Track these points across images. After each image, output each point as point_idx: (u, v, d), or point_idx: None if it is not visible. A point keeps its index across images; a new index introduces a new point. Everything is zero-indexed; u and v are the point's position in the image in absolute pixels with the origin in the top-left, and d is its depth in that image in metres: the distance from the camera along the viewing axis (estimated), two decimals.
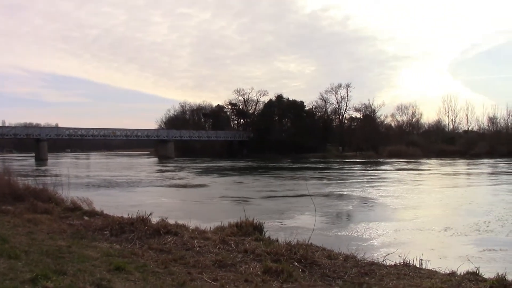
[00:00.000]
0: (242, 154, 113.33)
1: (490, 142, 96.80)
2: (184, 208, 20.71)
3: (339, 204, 22.63)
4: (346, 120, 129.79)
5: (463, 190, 30.04)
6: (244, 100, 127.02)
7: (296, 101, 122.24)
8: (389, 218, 18.45)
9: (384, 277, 7.76)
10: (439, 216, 19.17)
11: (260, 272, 7.60)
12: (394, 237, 14.41)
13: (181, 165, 67.01)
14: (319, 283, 7.30)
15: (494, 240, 13.98)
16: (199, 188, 31.95)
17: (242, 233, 10.77)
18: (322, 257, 8.76)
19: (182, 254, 8.75)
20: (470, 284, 7.40)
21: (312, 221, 11.83)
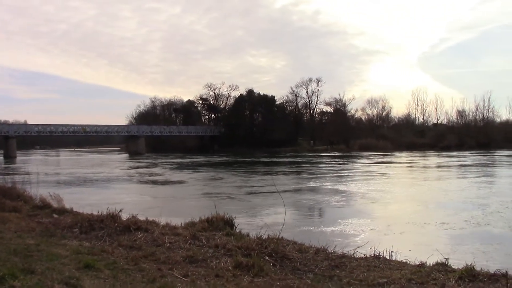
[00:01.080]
0: (213, 149, 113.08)
1: (459, 135, 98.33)
2: (162, 206, 20.49)
3: (313, 198, 22.68)
4: (317, 114, 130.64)
5: (447, 182, 30.36)
6: (215, 95, 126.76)
7: (267, 96, 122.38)
8: (363, 211, 18.53)
9: (354, 270, 7.83)
10: (412, 209, 19.38)
11: (231, 267, 7.60)
12: (365, 230, 14.53)
13: (154, 161, 66.43)
14: (290, 276, 7.32)
15: (465, 232, 14.19)
16: (177, 185, 31.52)
17: (213, 228, 10.75)
18: (293, 250, 8.79)
19: (152, 251, 8.69)
20: (439, 274, 7.51)
21: (289, 216, 11.87)
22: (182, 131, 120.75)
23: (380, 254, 9.03)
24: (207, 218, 11.39)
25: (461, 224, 15.28)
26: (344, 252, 9.00)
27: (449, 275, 7.44)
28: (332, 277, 7.38)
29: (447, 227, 14.79)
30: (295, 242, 9.74)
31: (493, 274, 7.44)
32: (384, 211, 18.67)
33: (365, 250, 9.23)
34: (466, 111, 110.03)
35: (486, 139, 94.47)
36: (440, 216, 16.91)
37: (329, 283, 7.00)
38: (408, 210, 19.02)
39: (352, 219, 16.45)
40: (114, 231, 10.26)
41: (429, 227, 14.99)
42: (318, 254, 8.75)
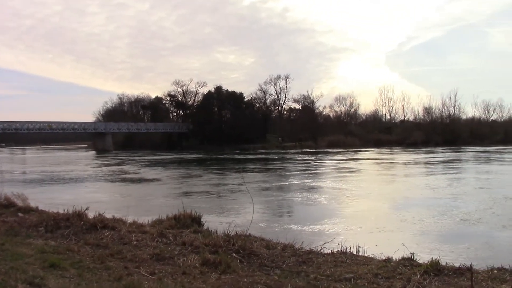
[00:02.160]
0: (181, 146, 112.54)
1: (426, 132, 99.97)
2: (133, 204, 20.30)
3: (282, 195, 22.74)
4: (285, 111, 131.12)
5: (418, 179, 30.70)
6: (183, 91, 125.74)
7: (236, 93, 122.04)
8: (331, 208, 18.66)
9: (321, 265, 7.88)
10: (379, 205, 19.58)
11: (198, 264, 7.58)
12: (333, 226, 14.61)
13: (123, 159, 65.77)
14: (258, 273, 7.33)
15: (431, 227, 14.38)
16: (151, 183, 31.03)
17: (181, 225, 10.70)
18: (261, 247, 8.81)
19: (119, 249, 8.62)
20: (405, 269, 7.60)
21: (258, 213, 11.86)
22: (150, 128, 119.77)
23: (347, 249, 9.12)
24: (174, 216, 11.33)
25: (428, 219, 15.49)
26: (312, 248, 9.05)
27: (414, 269, 7.53)
28: (299, 273, 7.41)
29: (414, 223, 14.97)
30: (262, 238, 9.77)
31: (458, 268, 7.56)
32: (352, 207, 18.79)
33: (332, 245, 9.32)
34: (433, 108, 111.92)
35: (452, 136, 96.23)
36: (407, 212, 17.13)
37: (296, 279, 7.03)
38: (376, 206, 19.19)
39: (320, 216, 16.55)
40: (80, 230, 10.12)
41: (396, 223, 15.17)
42: (285, 250, 8.78)
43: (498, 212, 16.71)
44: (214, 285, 6.60)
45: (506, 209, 17.39)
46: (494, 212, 16.62)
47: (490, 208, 17.49)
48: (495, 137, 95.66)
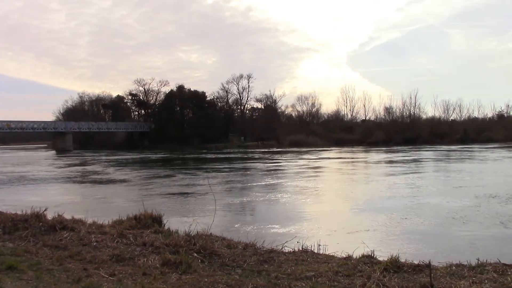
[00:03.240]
0: (143, 145, 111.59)
1: (386, 131, 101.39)
2: (96, 205, 20.00)
3: (246, 194, 22.73)
4: (248, 110, 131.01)
5: (378, 177, 30.97)
6: (144, 90, 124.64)
7: (198, 92, 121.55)
8: (294, 207, 18.69)
9: (282, 264, 7.91)
10: (341, 204, 19.75)
11: (158, 264, 7.53)
12: (295, 225, 14.67)
13: (85, 158, 64.72)
14: (219, 272, 7.31)
15: (391, 225, 14.55)
16: (119, 184, 30.28)
17: (141, 226, 10.61)
18: (222, 246, 8.80)
19: (78, 250, 8.50)
20: (365, 266, 7.68)
21: (221, 212, 11.82)
22: (111, 127, 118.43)
23: (308, 248, 9.19)
24: (135, 216, 11.23)
25: (389, 218, 15.65)
26: (273, 247, 9.07)
27: (374, 267, 7.62)
28: (261, 272, 7.42)
29: (374, 220, 15.12)
30: (224, 238, 9.77)
31: (417, 264, 7.67)
32: (315, 206, 18.87)
33: (293, 244, 9.36)
34: (394, 108, 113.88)
35: (413, 135, 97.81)
36: (368, 210, 17.31)
37: (257, 278, 7.03)
38: (339, 205, 19.37)
39: (282, 215, 16.61)
40: (39, 231, 9.95)
41: (358, 221, 15.29)
42: (246, 249, 8.79)
43: (461, 209, 17.00)
44: (174, 286, 6.56)
45: (468, 207, 17.68)
46: (457, 210, 16.90)
47: (453, 206, 17.80)
48: (455, 136, 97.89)
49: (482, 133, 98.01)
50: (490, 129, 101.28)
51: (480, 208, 16.98)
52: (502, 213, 15.97)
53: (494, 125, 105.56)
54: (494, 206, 17.37)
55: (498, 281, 6.74)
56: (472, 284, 6.63)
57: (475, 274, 7.23)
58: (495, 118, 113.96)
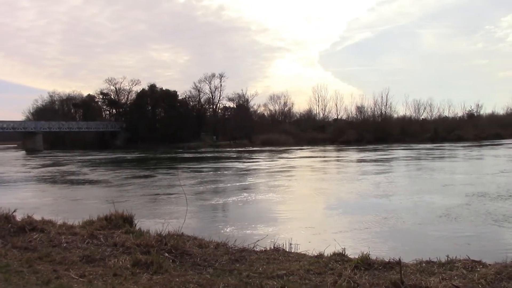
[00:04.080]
0: (114, 145, 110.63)
1: (358, 130, 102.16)
2: (72, 206, 19.75)
3: (218, 193, 22.69)
4: (220, 109, 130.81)
5: (352, 176, 31.11)
6: (116, 89, 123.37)
7: (170, 91, 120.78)
8: (266, 206, 18.73)
9: (254, 263, 7.92)
10: (313, 202, 19.86)
11: (129, 265, 7.47)
12: (267, 224, 14.69)
13: (57, 159, 63.72)
14: (190, 272, 7.29)
15: (363, 222, 14.66)
16: (98, 185, 29.65)
17: (112, 226, 10.51)
18: (194, 246, 8.77)
19: (48, 251, 8.40)
20: (336, 264, 7.76)
21: (193, 212, 11.78)
22: (82, 127, 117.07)
23: (279, 246, 9.23)
24: (105, 216, 11.11)
25: (361, 215, 15.80)
26: (245, 246, 9.07)
27: (345, 264, 7.70)
28: (232, 271, 7.42)
29: (348, 219, 15.25)
30: (195, 237, 9.73)
31: (388, 262, 7.75)
32: (287, 205, 18.93)
33: (265, 243, 9.37)
34: (365, 107, 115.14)
35: (384, 134, 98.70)
36: (342, 208, 17.44)
37: (228, 277, 7.03)
38: (311, 204, 19.46)
39: (254, 214, 16.64)
40: (8, 233, 9.79)
41: (330, 219, 15.41)
42: (218, 249, 8.78)
43: (429, 208, 17.20)
44: (145, 286, 6.53)
45: (437, 205, 17.90)
46: (426, 208, 17.11)
47: (422, 204, 18.01)
48: (425, 135, 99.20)
49: (452, 132, 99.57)
50: (460, 128, 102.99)
51: (458, 207, 17.20)
52: (481, 211, 16.21)
53: (464, 124, 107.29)
54: (473, 205, 17.62)
55: (467, 277, 6.85)
56: (441, 280, 6.71)
57: (444, 270, 7.34)
58: (465, 117, 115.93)
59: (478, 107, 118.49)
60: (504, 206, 16.74)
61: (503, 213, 15.37)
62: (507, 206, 16.75)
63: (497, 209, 16.12)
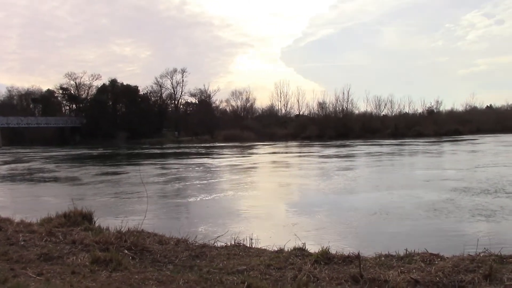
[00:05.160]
0: (74, 141, 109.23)
1: (320, 126, 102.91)
2: (32, 204, 19.31)
3: (181, 191, 22.53)
4: (182, 105, 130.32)
5: (315, 172, 31.23)
6: (76, 84, 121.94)
7: (130, 86, 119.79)
8: (229, 202, 18.65)
9: (215, 258, 7.93)
10: (275, 197, 19.90)
11: (88, 262, 7.39)
12: (229, 219, 14.66)
13: (17, 155, 61.96)
14: (150, 269, 7.25)
15: (325, 218, 14.76)
16: (57, 182, 28.95)
17: (71, 223, 10.39)
18: (154, 243, 8.74)
19: (5, 250, 8.23)
20: (296, 259, 7.81)
21: (155, 208, 11.69)
22: (41, 122, 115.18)
23: (240, 242, 9.26)
24: (64, 213, 10.98)
25: (324, 211, 15.87)
26: (205, 242, 9.08)
27: (305, 259, 7.76)
28: (192, 267, 7.42)
29: (309, 214, 15.28)
30: (156, 234, 9.69)
31: (347, 256, 7.86)
32: (250, 201, 18.88)
33: (226, 239, 9.40)
34: (327, 103, 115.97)
35: (345, 130, 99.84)
36: (303, 204, 17.51)
37: (188, 273, 7.01)
38: (274, 199, 19.46)
39: (216, 210, 16.56)
40: None
41: (292, 215, 15.44)
42: (178, 245, 8.76)
43: (391, 204, 17.41)
44: (104, 284, 6.46)
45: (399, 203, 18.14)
46: (388, 204, 17.31)
47: (384, 200, 18.22)
48: (386, 131, 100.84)
49: (413, 128, 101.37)
50: (420, 124, 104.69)
51: (413, 202, 17.45)
52: (440, 205, 16.49)
53: (424, 120, 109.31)
54: (433, 200, 17.91)
55: (425, 270, 6.96)
56: (400, 273, 6.82)
57: (403, 264, 7.46)
58: (425, 113, 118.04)
59: (437, 103, 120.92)
60: (471, 201, 16.95)
61: (469, 208, 15.62)
62: (473, 201, 16.98)
63: (463, 204, 16.30)
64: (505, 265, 7.15)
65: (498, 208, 15.19)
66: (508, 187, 19.91)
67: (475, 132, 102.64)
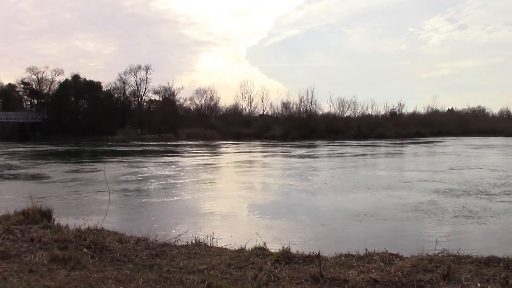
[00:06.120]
0: (35, 136, 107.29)
1: (284, 126, 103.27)
2: None
3: (143, 190, 22.37)
4: (145, 102, 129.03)
5: (280, 172, 31.26)
6: (38, 79, 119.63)
7: (93, 82, 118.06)
8: (191, 200, 18.61)
9: (175, 257, 7.92)
10: (236, 197, 19.88)
11: (46, 261, 7.28)
12: (190, 218, 14.63)
13: None
14: (109, 268, 7.19)
15: (288, 218, 14.84)
16: (19, 179, 28.62)
17: (30, 221, 10.18)
18: (114, 241, 8.66)
19: None
20: (257, 258, 7.84)
21: (116, 206, 11.57)
22: (1, 117, 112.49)
23: (201, 241, 9.25)
24: (22, 211, 10.75)
25: (285, 211, 16.00)
26: (166, 241, 9.04)
27: (266, 258, 7.80)
28: (152, 266, 7.38)
29: (272, 214, 15.34)
30: (116, 232, 9.61)
31: (308, 255, 7.93)
32: (212, 200, 18.84)
33: (187, 238, 9.36)
34: (291, 104, 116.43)
35: (309, 130, 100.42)
36: (268, 204, 17.57)
37: (148, 272, 6.97)
38: (237, 199, 19.43)
39: (178, 209, 16.53)
40: None
41: (254, 215, 15.48)
42: (139, 244, 8.69)
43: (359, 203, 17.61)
44: (62, 282, 6.37)
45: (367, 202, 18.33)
46: (354, 204, 17.51)
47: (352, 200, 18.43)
48: (349, 132, 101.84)
49: (375, 129, 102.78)
50: (382, 126, 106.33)
51: (377, 202, 17.68)
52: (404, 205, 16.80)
53: (386, 122, 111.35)
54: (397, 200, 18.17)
55: (385, 270, 7.07)
56: (360, 273, 6.91)
57: (363, 263, 7.56)
58: (387, 115, 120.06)
59: (400, 106, 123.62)
60: (454, 203, 17.21)
61: (426, 209, 15.91)
62: (456, 203, 17.24)
63: (445, 206, 16.56)
64: (463, 265, 7.30)
65: (481, 210, 15.75)
66: (490, 189, 20.59)
67: (436, 134, 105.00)
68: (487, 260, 7.49)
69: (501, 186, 21.29)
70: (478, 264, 7.34)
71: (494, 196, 18.70)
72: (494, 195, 18.93)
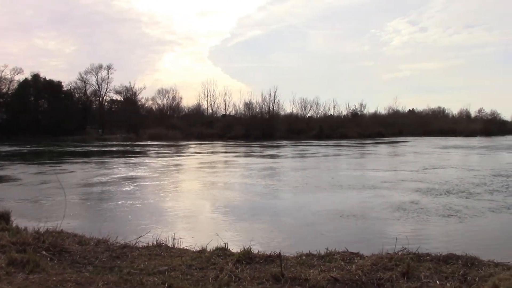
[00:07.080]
0: None
1: (246, 126, 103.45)
2: None
3: (104, 190, 22.09)
4: (107, 102, 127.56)
5: (249, 171, 31.22)
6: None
7: (53, 81, 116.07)
8: (152, 202, 18.44)
9: (136, 259, 7.88)
10: (197, 197, 19.83)
11: (4, 264, 7.15)
12: (151, 219, 14.54)
13: None
14: (68, 270, 7.11)
15: (249, 218, 14.87)
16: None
17: None
18: (73, 243, 8.58)
19: None
20: (218, 259, 7.88)
21: (76, 207, 11.42)
22: None
23: (162, 242, 9.23)
24: None
25: (247, 211, 16.00)
26: (126, 242, 9.00)
27: (227, 259, 7.84)
28: (113, 268, 7.33)
29: (233, 215, 15.35)
30: (75, 234, 9.52)
31: (269, 255, 7.99)
32: (172, 201, 18.74)
33: (148, 239, 9.33)
34: (253, 104, 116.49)
35: (271, 130, 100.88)
36: (229, 205, 17.52)
37: (108, 274, 6.92)
38: (197, 200, 19.36)
39: (138, 210, 16.39)
40: None
41: (215, 215, 15.48)
42: (99, 245, 8.63)
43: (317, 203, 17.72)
44: (20, 286, 6.29)
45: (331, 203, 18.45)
46: (316, 204, 17.61)
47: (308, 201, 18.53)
48: (311, 132, 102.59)
49: (337, 130, 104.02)
50: (344, 126, 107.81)
51: (335, 202, 17.83)
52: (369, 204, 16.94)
53: (348, 123, 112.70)
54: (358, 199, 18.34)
55: (345, 268, 7.17)
56: (320, 272, 6.99)
57: (324, 262, 7.65)
58: (349, 116, 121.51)
59: (361, 106, 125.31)
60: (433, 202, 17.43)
61: (435, 209, 16.06)
62: (435, 202, 17.46)
63: (429, 206, 16.76)
64: (422, 263, 7.44)
65: (462, 208, 15.96)
66: (472, 188, 20.82)
67: (397, 134, 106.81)
68: (446, 257, 7.66)
69: (482, 186, 21.65)
70: (437, 261, 7.50)
71: (477, 195, 19.05)
72: (478, 194, 19.29)
